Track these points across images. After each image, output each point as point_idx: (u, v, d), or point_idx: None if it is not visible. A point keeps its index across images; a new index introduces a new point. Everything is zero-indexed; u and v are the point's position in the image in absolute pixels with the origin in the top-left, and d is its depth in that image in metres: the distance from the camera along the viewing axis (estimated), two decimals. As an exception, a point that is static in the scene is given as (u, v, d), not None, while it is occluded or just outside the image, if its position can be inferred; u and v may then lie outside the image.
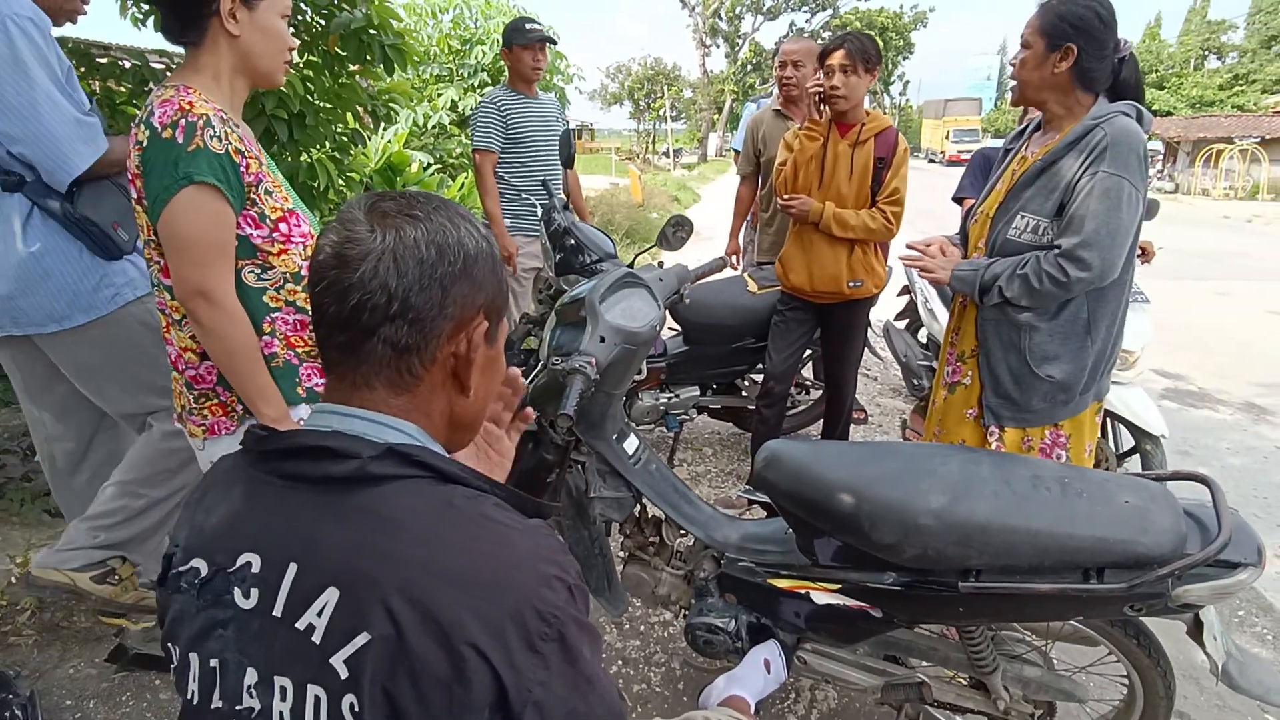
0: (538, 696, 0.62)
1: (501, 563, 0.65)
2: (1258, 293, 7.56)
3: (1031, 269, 1.74)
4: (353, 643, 0.61)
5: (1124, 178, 1.67)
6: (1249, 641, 2.32)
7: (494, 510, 0.70)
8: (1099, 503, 1.28)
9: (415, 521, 0.66)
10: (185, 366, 1.50)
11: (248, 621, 0.66)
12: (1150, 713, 1.54)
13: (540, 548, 0.68)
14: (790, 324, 2.87)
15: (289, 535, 0.66)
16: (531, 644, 0.63)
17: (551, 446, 1.66)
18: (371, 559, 0.63)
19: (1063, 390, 1.86)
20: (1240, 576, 1.22)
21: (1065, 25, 1.73)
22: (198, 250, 1.34)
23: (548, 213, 2.66)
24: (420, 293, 0.68)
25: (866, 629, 1.56)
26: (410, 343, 0.70)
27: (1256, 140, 21.16)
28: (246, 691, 0.65)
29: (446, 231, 0.70)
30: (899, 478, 1.36)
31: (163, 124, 1.31)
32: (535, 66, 3.36)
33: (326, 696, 0.62)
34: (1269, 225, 14.15)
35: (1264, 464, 3.60)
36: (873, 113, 2.65)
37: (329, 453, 0.67)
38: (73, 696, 1.96)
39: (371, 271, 0.67)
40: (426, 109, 7.46)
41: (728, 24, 37.05)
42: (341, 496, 0.67)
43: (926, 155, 45.29)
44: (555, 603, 0.65)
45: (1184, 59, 38.54)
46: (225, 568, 0.68)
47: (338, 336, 0.70)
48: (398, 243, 0.68)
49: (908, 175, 2.66)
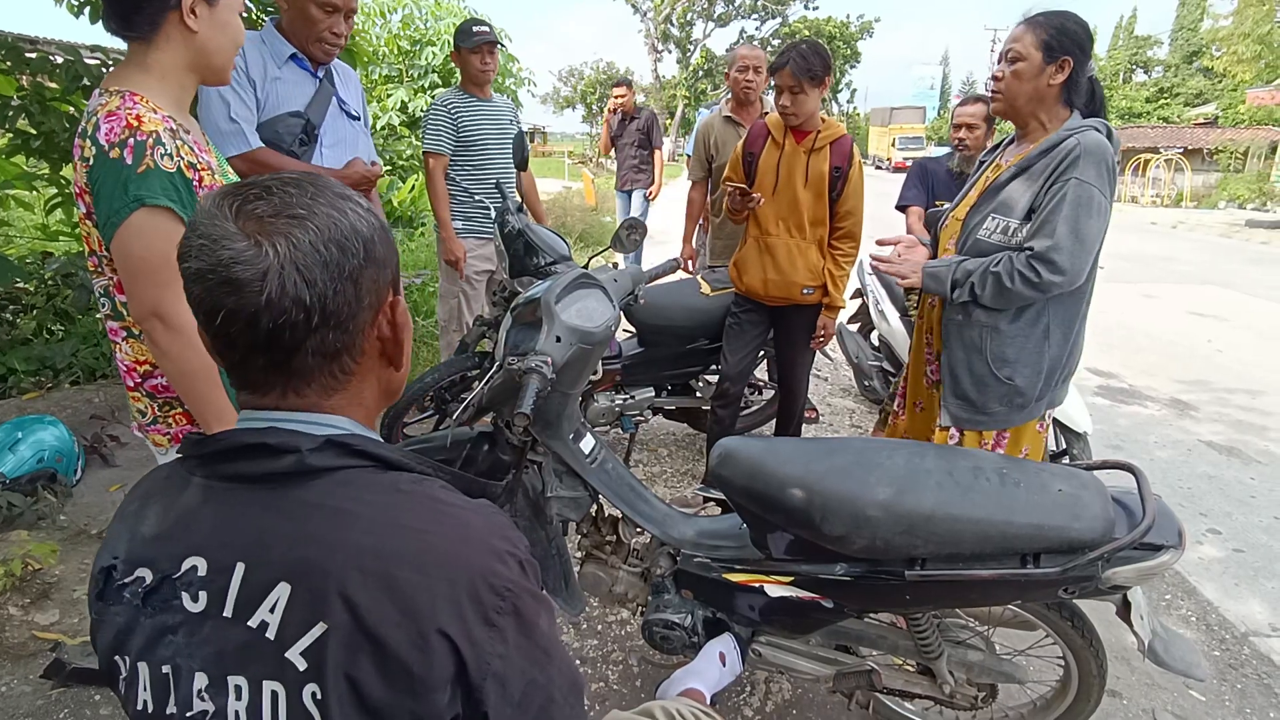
0: (496, 669, 0.64)
1: (455, 541, 0.66)
2: (1182, 295, 7.97)
3: (1004, 268, 1.77)
4: (309, 634, 0.61)
5: (1094, 186, 1.72)
6: (1174, 623, 2.44)
7: (441, 492, 0.71)
8: (1035, 491, 1.34)
9: (365, 510, 0.66)
10: (144, 378, 1.45)
11: (198, 625, 0.65)
12: (1085, 691, 1.62)
13: (490, 525, 0.70)
14: (744, 325, 2.92)
15: (234, 536, 0.66)
16: (487, 618, 0.64)
17: (508, 447, 1.67)
18: (321, 550, 0.63)
19: (1019, 394, 1.90)
20: (1163, 558, 1.29)
21: (1065, 39, 1.77)
22: (152, 273, 1.29)
23: (501, 215, 2.65)
24: (335, 296, 0.65)
25: (818, 619, 1.60)
26: (339, 345, 0.68)
27: (1180, 150, 22.33)
28: (197, 695, 0.64)
29: (338, 223, 0.66)
30: (848, 472, 1.40)
31: (110, 142, 1.25)
32: (483, 69, 3.34)
33: (285, 690, 0.62)
34: (1192, 231, 14.93)
35: (1188, 456, 3.80)
36: (829, 120, 2.70)
37: (266, 449, 0.67)
38: (5, 715, 1.87)
39: (278, 290, 0.62)
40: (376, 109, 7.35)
41: (679, 30, 37.35)
42: (284, 492, 0.67)
43: (873, 162, 46.36)
44: (508, 576, 0.67)
45: (1113, 72, 40.34)
46: (170, 574, 0.67)
47: (256, 360, 0.67)
48: (294, 251, 0.63)
49: (863, 188, 2.71)
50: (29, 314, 4.55)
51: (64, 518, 2.78)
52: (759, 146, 2.73)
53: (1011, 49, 1.83)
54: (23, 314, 4.58)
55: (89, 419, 3.60)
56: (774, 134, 2.69)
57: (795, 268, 2.71)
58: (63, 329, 4.53)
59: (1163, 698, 2.08)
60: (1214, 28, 24.44)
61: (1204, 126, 26.68)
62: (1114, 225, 1.90)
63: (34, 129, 3.34)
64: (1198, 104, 33.75)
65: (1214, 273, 9.52)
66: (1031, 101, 1.85)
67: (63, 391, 3.98)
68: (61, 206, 3.72)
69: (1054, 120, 1.86)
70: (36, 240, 5.42)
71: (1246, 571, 2.74)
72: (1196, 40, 35.37)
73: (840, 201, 2.68)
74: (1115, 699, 2.05)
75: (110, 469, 3.21)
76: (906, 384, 2.30)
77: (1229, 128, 25.38)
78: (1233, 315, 7.01)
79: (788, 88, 2.51)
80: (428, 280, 5.80)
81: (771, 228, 2.72)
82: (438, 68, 7.83)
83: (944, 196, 3.39)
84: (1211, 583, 2.67)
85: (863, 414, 4.25)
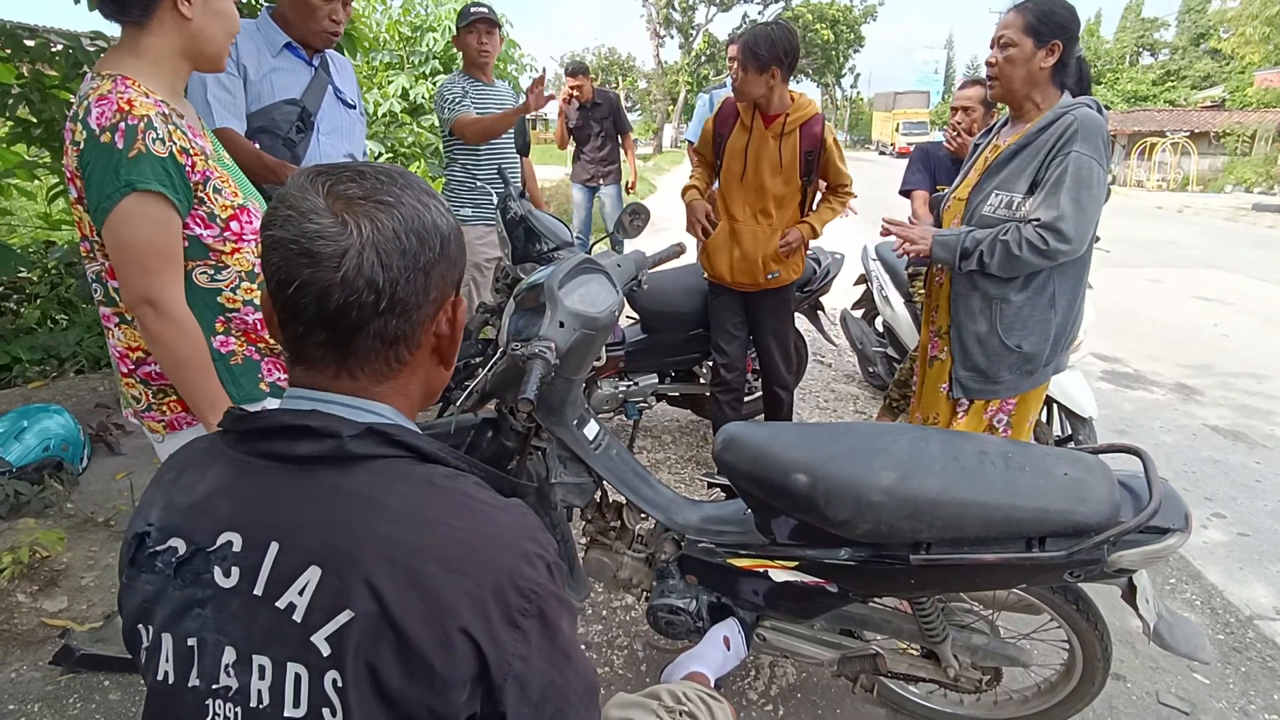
0: (518, 670, 0.64)
1: (483, 540, 0.66)
2: (1187, 279, 7.92)
3: (1012, 237, 1.84)
4: (335, 620, 0.61)
5: (1093, 158, 1.79)
6: (1179, 607, 2.45)
7: (474, 489, 0.71)
8: (1040, 475, 1.34)
9: (396, 500, 0.66)
10: (137, 364, 1.44)
11: (227, 600, 0.65)
12: (1089, 674, 1.62)
13: (520, 525, 0.70)
14: (723, 310, 2.93)
15: (270, 515, 0.66)
16: (512, 619, 0.64)
17: (512, 433, 1.66)
18: (353, 537, 0.64)
19: (1029, 361, 1.99)
20: (1169, 541, 1.29)
21: (1053, 23, 1.84)
22: (144, 259, 1.29)
23: (504, 201, 2.64)
24: (407, 284, 0.67)
25: (823, 604, 1.60)
26: (399, 333, 0.69)
27: (1186, 134, 22.11)
28: (224, 670, 0.65)
29: (421, 215, 0.68)
30: (852, 456, 1.40)
31: (101, 126, 1.24)
32: (481, 49, 3.32)
33: (308, 673, 0.62)
34: (1198, 215, 14.83)
35: (1193, 440, 3.79)
36: (798, 99, 2.67)
37: (308, 431, 0.67)
38: (15, 701, 1.89)
39: (355, 269, 0.64)
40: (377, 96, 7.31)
41: (681, 15, 37.03)
42: (322, 476, 0.67)
43: (877, 147, 46.00)
44: (535, 579, 0.67)
45: (1120, 55, 39.97)
46: (205, 547, 0.67)
47: (318, 334, 0.68)
48: (377, 235, 0.65)
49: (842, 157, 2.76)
50: (33, 303, 4.56)
51: (70, 506, 2.79)
52: (728, 127, 2.72)
53: (1003, 35, 1.90)
54: (27, 303, 4.59)
55: (94, 407, 3.61)
56: (742, 115, 2.68)
57: (759, 252, 2.72)
58: (66, 318, 4.53)
59: (1167, 681, 2.08)
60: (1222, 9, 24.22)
61: (1211, 109, 26.39)
62: (1119, 210, 1.92)
63: (34, 117, 3.33)
64: (1205, 87, 33.41)
65: (1220, 257, 9.47)
66: (1025, 85, 1.92)
67: (67, 380, 3.99)
68: (63, 195, 3.70)
69: (1047, 101, 1.93)
70: (39, 229, 5.41)
71: (1251, 555, 2.74)
72: (1204, 22, 35.01)
73: (830, 177, 2.74)
74: (1120, 682, 2.06)
75: (116, 457, 3.22)
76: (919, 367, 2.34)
77: (1236, 110, 25.08)
78: (1238, 299, 6.98)
79: (737, 62, 2.54)
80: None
81: (738, 213, 2.74)
82: (439, 54, 7.77)
83: (946, 181, 3.37)
84: (1216, 567, 2.67)
85: (867, 399, 4.25)
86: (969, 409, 2.09)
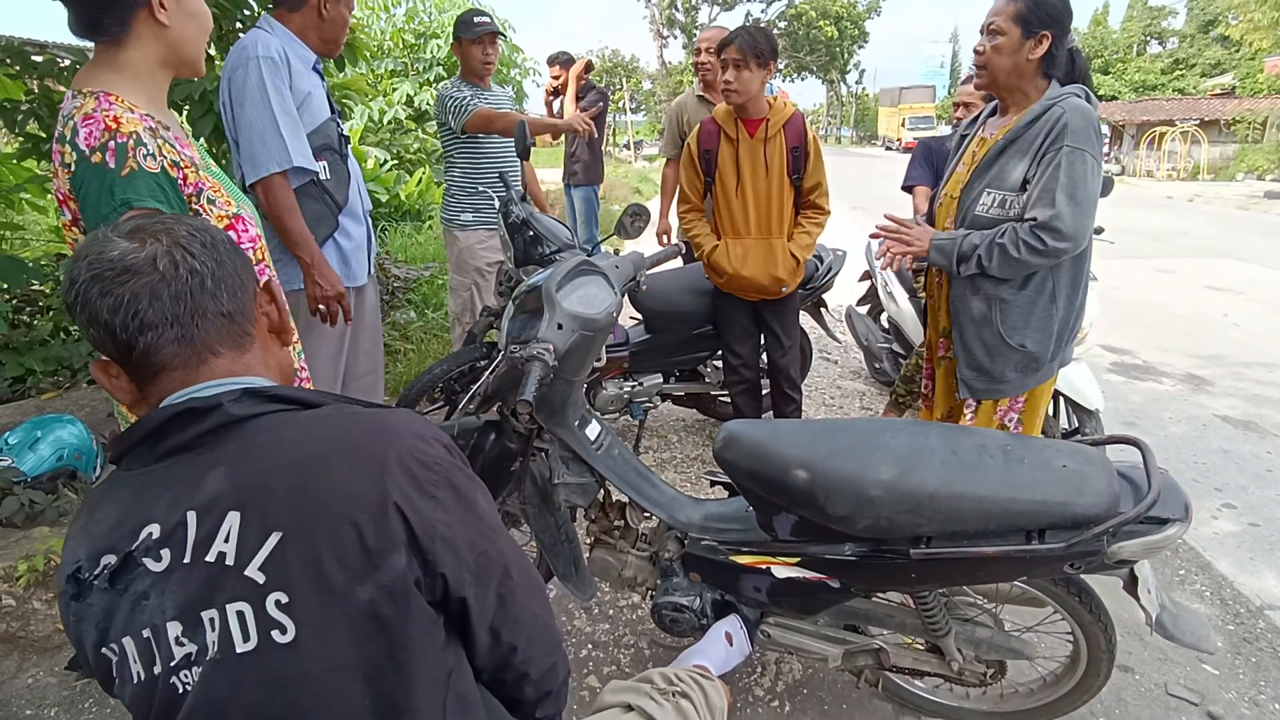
0: (443, 534, 0.71)
1: (377, 432, 0.74)
2: (1197, 269, 7.85)
3: (1009, 239, 1.81)
4: (266, 545, 0.66)
5: (1086, 151, 1.76)
6: (1188, 598, 2.43)
7: (358, 409, 0.78)
8: (1039, 467, 1.34)
9: (291, 433, 0.73)
10: None
11: (164, 580, 0.69)
12: (1094, 666, 1.62)
13: (409, 417, 0.78)
14: (732, 312, 2.94)
15: (181, 497, 0.71)
16: (423, 489, 0.71)
17: (514, 435, 1.68)
18: (261, 474, 0.69)
19: (1033, 359, 1.96)
20: (1169, 532, 1.29)
21: (1042, 13, 1.80)
22: None
23: (505, 205, 2.65)
24: (219, 265, 0.77)
25: (826, 600, 1.61)
26: (234, 306, 0.77)
27: (1196, 122, 21.89)
28: (174, 643, 0.68)
29: (200, 225, 0.79)
30: (851, 452, 1.41)
31: (90, 146, 1.23)
32: (485, 61, 3.34)
33: (250, 606, 0.66)
34: (1208, 205, 14.67)
35: (1203, 431, 3.76)
36: (775, 101, 2.68)
37: (192, 413, 0.72)
38: (33, 706, 1.93)
39: (170, 264, 0.73)
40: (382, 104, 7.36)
41: (684, 15, 37.05)
42: (217, 446, 0.72)
43: (884, 143, 45.79)
44: (434, 454, 0.74)
45: (1127, 44, 39.60)
46: (129, 550, 0.71)
47: (167, 332, 0.73)
48: (173, 239, 0.75)
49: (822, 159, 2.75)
50: (46, 315, 4.61)
51: (85, 514, 2.83)
52: (714, 143, 2.72)
53: (992, 22, 1.86)
54: (40, 315, 4.64)
55: (106, 417, 3.64)
56: (725, 128, 2.68)
57: (768, 266, 2.72)
58: (78, 330, 4.58)
59: (1175, 672, 2.07)
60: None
61: (1221, 97, 26.08)
62: (1128, 201, 1.91)
63: (44, 132, 3.37)
64: (1215, 74, 33.05)
65: (1230, 246, 9.37)
66: (1012, 75, 1.88)
67: (80, 391, 4.04)
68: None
69: (1035, 92, 1.89)
70: (51, 243, 5.48)
71: (1262, 545, 2.72)
72: (1213, 8, 34.65)
73: (805, 178, 2.71)
74: (1128, 674, 2.05)
75: (129, 466, 3.26)
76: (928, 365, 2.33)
77: (1247, 97, 24.77)
78: (1249, 289, 6.91)
79: (733, 62, 2.53)
80: (435, 274, 5.82)
81: (742, 229, 2.73)
82: (443, 60, 7.83)
83: (950, 176, 3.36)
84: (1226, 557, 2.65)
85: (873, 396, 4.24)
86: (978, 409, 2.07)
